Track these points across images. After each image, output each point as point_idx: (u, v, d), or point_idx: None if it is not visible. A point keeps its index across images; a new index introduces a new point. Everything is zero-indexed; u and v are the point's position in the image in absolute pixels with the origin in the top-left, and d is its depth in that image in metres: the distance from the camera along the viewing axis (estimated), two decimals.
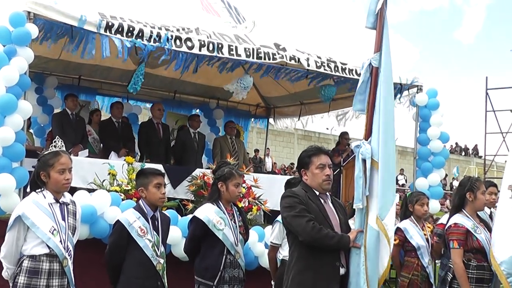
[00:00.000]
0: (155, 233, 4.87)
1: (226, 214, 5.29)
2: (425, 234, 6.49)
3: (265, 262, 6.70)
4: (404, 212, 6.76)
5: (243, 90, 8.77)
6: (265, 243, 6.97)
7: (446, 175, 29.92)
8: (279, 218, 5.82)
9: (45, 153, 4.52)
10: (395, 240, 6.59)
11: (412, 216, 6.58)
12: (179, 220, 6.81)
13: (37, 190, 4.41)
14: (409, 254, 6.50)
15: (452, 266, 5.46)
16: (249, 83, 8.74)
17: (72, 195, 4.94)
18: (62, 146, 4.55)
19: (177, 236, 6.51)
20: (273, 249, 6.12)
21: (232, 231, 5.24)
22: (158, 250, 4.84)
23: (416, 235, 6.40)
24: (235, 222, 5.33)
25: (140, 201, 5.00)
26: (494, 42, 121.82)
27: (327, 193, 4.43)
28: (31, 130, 10.24)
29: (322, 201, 4.32)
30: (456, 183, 28.68)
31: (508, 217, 5.26)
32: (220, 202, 5.34)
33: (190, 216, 5.69)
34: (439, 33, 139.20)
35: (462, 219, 5.44)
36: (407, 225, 6.50)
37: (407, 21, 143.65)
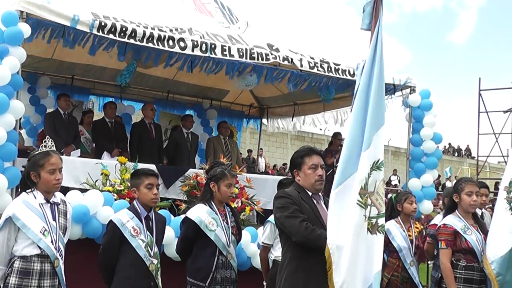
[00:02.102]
0: (148, 233, 4.87)
1: (218, 214, 5.27)
2: (409, 235, 6.49)
3: (257, 262, 6.70)
4: (389, 213, 6.77)
5: (246, 87, 8.83)
6: (258, 243, 6.97)
7: (439, 175, 29.97)
8: (270, 218, 5.83)
9: (35, 153, 4.50)
10: None
11: (399, 217, 6.59)
12: (172, 220, 6.81)
13: (27, 191, 4.39)
14: (391, 254, 6.51)
15: None
16: (253, 83, 8.75)
17: (64, 195, 4.92)
18: (52, 146, 4.53)
19: (170, 236, 6.50)
20: (265, 249, 6.12)
21: (224, 232, 5.22)
22: (152, 250, 4.84)
23: (399, 237, 6.39)
24: (227, 223, 5.32)
25: (134, 201, 5.01)
26: (486, 44, 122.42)
27: (320, 194, 4.43)
28: (20, 130, 10.20)
29: (315, 201, 4.33)
30: (448, 184, 28.76)
31: (502, 219, 5.31)
32: (212, 203, 5.32)
33: (183, 216, 5.69)
34: (432, 35, 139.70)
35: (453, 220, 5.47)
36: (391, 226, 6.50)
37: (399, 23, 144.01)
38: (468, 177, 6.37)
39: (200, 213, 5.24)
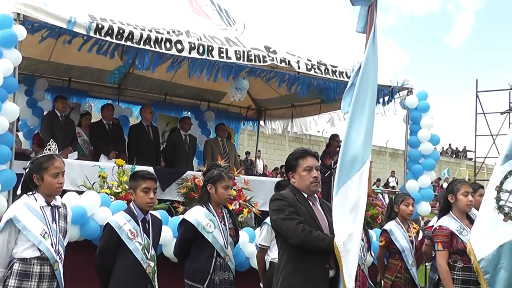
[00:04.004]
0: (145, 236, 4.86)
1: (215, 216, 5.27)
2: (410, 236, 6.51)
3: (256, 263, 6.69)
4: (389, 214, 6.79)
5: (239, 92, 8.77)
6: (256, 244, 6.96)
7: (440, 178, 29.99)
8: (267, 220, 5.83)
9: (39, 156, 4.52)
10: (381, 241, 6.61)
11: (397, 218, 6.61)
12: (170, 220, 6.81)
13: (28, 193, 4.39)
14: (393, 256, 6.52)
15: None
16: (244, 86, 8.71)
17: (61, 196, 4.92)
18: (56, 149, 4.55)
19: (167, 236, 6.50)
20: (262, 251, 6.12)
21: (222, 234, 5.22)
22: (148, 253, 4.83)
23: (401, 237, 6.42)
24: (225, 225, 5.32)
25: (131, 203, 5.00)
26: (483, 46, 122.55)
27: (315, 195, 4.43)
28: (17, 133, 10.17)
29: (311, 203, 4.33)
30: (445, 185, 28.75)
31: (489, 217, 5.30)
32: (209, 205, 5.32)
33: (180, 216, 5.67)
34: (429, 38, 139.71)
35: (448, 222, 5.47)
36: (393, 226, 6.52)
37: (397, 26, 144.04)
38: (461, 179, 6.42)
39: (197, 215, 5.24)
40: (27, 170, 4.48)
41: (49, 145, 4.56)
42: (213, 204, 5.34)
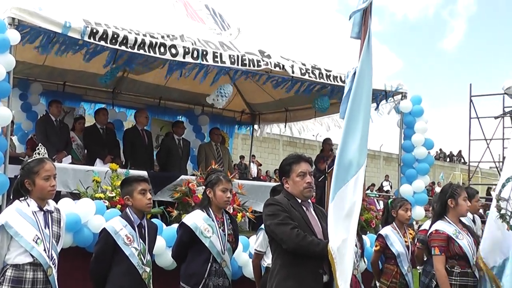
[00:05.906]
0: (141, 241, 4.85)
1: (214, 221, 5.26)
2: (406, 241, 6.51)
3: (249, 272, 6.69)
4: (385, 219, 6.80)
5: (222, 98, 8.78)
6: (250, 253, 6.96)
7: (433, 182, 30.01)
8: (263, 225, 5.83)
9: (29, 160, 4.49)
10: (376, 246, 6.62)
11: (394, 223, 6.61)
12: (164, 230, 6.79)
13: (20, 198, 4.36)
14: (388, 261, 6.52)
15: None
16: (229, 92, 8.73)
17: (56, 202, 4.91)
18: (45, 153, 4.53)
19: (161, 245, 6.48)
20: (258, 256, 6.12)
21: (220, 239, 5.22)
22: (144, 258, 4.82)
23: (397, 242, 6.42)
24: (224, 230, 5.31)
25: (127, 209, 4.97)
26: (476, 52, 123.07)
27: (309, 201, 4.44)
28: (12, 137, 10.12)
29: (305, 208, 4.32)
30: (438, 189, 28.78)
31: (494, 226, 5.37)
32: (210, 209, 5.32)
33: (174, 225, 5.68)
34: (423, 43, 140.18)
35: (443, 226, 5.47)
36: (389, 231, 6.53)
37: (391, 32, 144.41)
38: (457, 184, 6.46)
39: (196, 219, 5.25)
40: (18, 175, 4.47)
41: (38, 149, 4.53)
42: (214, 209, 5.34)
